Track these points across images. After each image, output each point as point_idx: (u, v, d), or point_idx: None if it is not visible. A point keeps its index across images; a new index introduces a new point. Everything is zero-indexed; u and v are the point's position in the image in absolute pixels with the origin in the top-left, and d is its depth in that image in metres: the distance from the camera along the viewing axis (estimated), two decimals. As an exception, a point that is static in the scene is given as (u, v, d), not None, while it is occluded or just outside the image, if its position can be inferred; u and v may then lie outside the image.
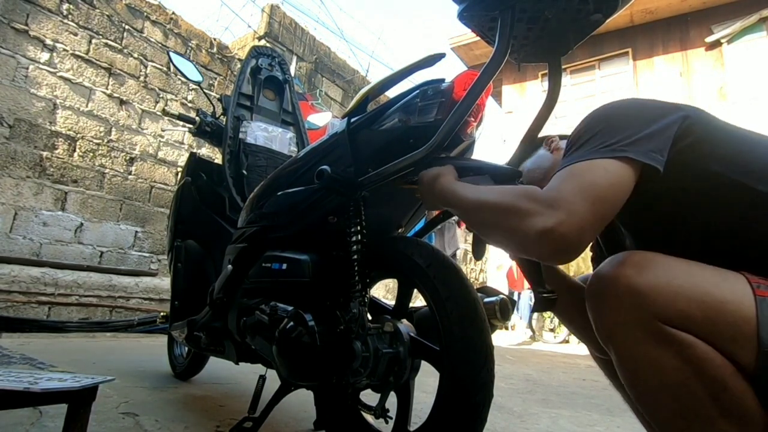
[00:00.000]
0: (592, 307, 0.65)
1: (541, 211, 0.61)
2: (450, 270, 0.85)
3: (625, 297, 0.60)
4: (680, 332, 0.57)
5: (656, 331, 0.57)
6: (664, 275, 0.60)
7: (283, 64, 1.95)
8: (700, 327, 0.57)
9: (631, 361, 0.61)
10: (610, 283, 0.62)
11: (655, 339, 0.58)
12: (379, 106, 0.97)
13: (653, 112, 0.69)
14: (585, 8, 0.73)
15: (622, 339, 0.61)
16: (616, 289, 0.61)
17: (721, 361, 0.56)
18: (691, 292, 0.58)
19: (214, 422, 1.28)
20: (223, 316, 1.21)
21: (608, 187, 0.62)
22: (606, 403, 2.04)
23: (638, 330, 0.59)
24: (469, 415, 0.77)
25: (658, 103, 0.72)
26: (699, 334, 0.57)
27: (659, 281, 0.59)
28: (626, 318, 0.59)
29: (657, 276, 0.59)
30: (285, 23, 6.28)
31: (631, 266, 0.61)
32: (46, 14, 3.94)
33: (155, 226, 4.60)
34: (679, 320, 0.57)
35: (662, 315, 0.57)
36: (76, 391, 0.75)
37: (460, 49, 9.04)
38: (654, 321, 0.57)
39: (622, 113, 0.71)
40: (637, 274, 0.60)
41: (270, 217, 1.10)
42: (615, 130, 0.67)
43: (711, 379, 0.55)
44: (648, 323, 0.58)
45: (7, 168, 3.69)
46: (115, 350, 2.68)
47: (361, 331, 0.86)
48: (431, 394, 0.83)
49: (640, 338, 0.59)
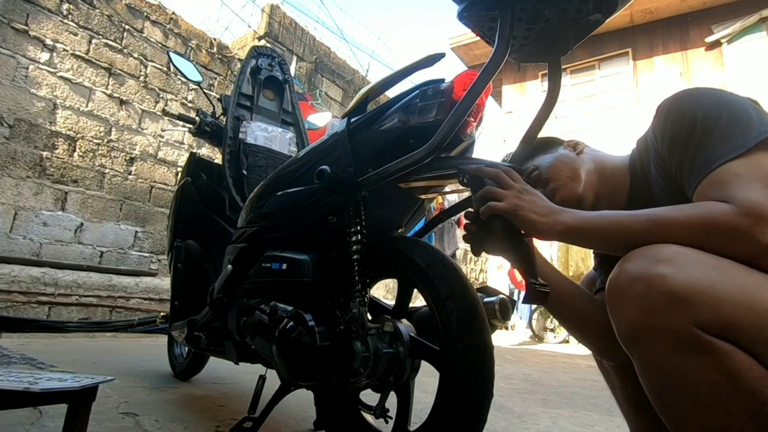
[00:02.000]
0: (615, 306, 0.59)
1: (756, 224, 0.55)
2: (450, 270, 0.85)
3: (659, 298, 0.53)
4: (719, 341, 0.51)
5: (692, 339, 0.52)
6: (707, 276, 0.53)
7: (283, 64, 1.95)
8: (743, 337, 0.51)
9: (660, 369, 0.55)
10: (640, 280, 0.55)
11: (690, 347, 0.52)
12: (379, 106, 0.97)
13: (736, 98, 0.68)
14: (585, 8, 0.73)
15: (651, 345, 0.55)
16: (648, 288, 0.54)
17: (762, 373, 0.51)
18: (735, 297, 0.52)
19: (214, 422, 1.28)
20: (223, 316, 1.21)
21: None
22: (606, 403, 2.04)
23: (671, 336, 0.53)
24: (469, 415, 0.77)
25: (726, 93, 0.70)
26: (739, 342, 0.51)
27: (701, 283, 0.53)
28: (659, 322, 0.53)
29: (698, 276, 0.53)
30: (285, 23, 6.29)
31: (666, 262, 0.55)
32: (46, 14, 3.94)
33: (155, 226, 4.60)
34: (719, 328, 0.51)
35: (701, 321, 0.52)
36: (76, 391, 0.75)
37: (460, 49, 9.04)
38: (691, 327, 0.52)
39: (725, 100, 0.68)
40: (675, 272, 0.54)
41: (270, 217, 1.10)
42: (737, 118, 0.64)
43: (750, 394, 0.50)
44: (683, 329, 0.52)
45: (7, 168, 3.69)
46: (115, 350, 2.68)
47: (361, 331, 0.86)
48: (431, 394, 0.83)
49: (673, 345, 0.53)
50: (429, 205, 1.19)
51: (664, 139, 0.74)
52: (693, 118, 0.68)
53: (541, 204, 0.70)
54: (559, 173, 0.90)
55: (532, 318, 6.97)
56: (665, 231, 0.60)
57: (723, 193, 0.59)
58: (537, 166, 0.94)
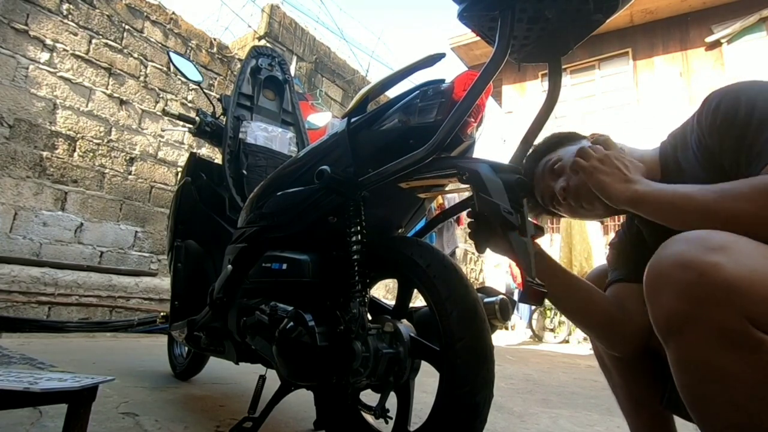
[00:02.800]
0: (657, 292, 0.55)
1: None
2: (450, 270, 0.85)
3: (711, 288, 0.50)
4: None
5: (742, 333, 0.49)
6: (762, 267, 0.50)
7: (283, 64, 1.95)
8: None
9: (699, 364, 0.52)
10: (690, 268, 0.52)
11: (739, 342, 0.49)
12: (379, 106, 0.97)
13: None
14: (585, 8, 0.73)
15: (694, 336, 0.52)
16: (700, 276, 0.51)
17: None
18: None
19: (214, 422, 1.28)
20: (223, 316, 1.21)
21: None
22: (606, 403, 2.04)
23: (718, 329, 0.50)
24: (470, 415, 0.77)
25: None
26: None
27: (757, 275, 0.50)
28: (708, 313, 0.50)
29: (753, 268, 0.50)
30: (285, 23, 6.28)
31: (719, 250, 0.52)
32: (46, 14, 3.94)
33: (155, 226, 4.60)
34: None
35: (753, 314, 0.49)
36: (76, 391, 0.75)
37: (460, 49, 9.04)
38: (742, 320, 0.49)
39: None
40: (729, 261, 0.50)
41: (270, 217, 1.10)
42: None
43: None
44: (733, 322, 0.49)
45: (7, 168, 3.69)
46: (115, 350, 2.68)
47: (361, 331, 0.86)
48: (431, 394, 0.83)
49: (717, 339, 0.50)
50: (429, 205, 1.19)
51: (713, 131, 0.70)
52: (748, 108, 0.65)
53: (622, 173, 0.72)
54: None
55: (532, 318, 6.97)
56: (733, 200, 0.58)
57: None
58: (561, 157, 0.91)
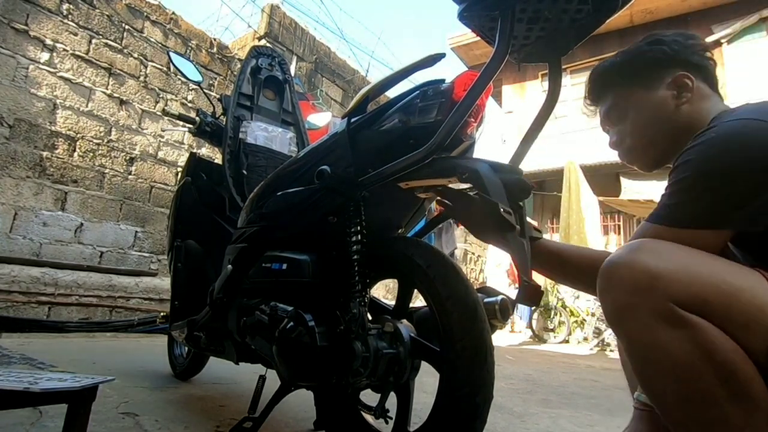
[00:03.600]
0: (604, 289, 0.65)
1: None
2: (450, 270, 0.85)
3: (639, 279, 0.59)
4: (693, 315, 0.57)
5: (669, 314, 0.58)
6: (681, 261, 0.60)
7: (283, 64, 1.95)
8: (714, 312, 0.57)
9: (641, 343, 0.61)
10: (624, 266, 0.62)
11: (667, 321, 0.58)
12: (379, 106, 0.97)
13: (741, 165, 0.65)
14: (585, 8, 0.73)
15: (633, 321, 0.61)
16: (631, 271, 0.61)
17: (731, 346, 0.56)
18: (707, 278, 0.59)
19: (214, 422, 1.28)
20: (223, 316, 1.21)
21: None
22: (606, 403, 2.04)
23: (651, 312, 0.59)
24: (470, 415, 0.77)
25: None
26: (711, 319, 0.57)
27: (676, 265, 0.60)
28: (639, 300, 0.59)
29: (673, 261, 0.60)
30: (285, 23, 6.28)
31: (647, 252, 0.62)
32: (46, 14, 3.94)
33: (155, 226, 4.60)
34: (693, 304, 0.57)
35: (676, 298, 0.58)
36: (76, 391, 0.75)
37: (460, 49, 9.03)
38: (667, 303, 0.58)
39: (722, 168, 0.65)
40: (653, 259, 0.60)
41: (270, 217, 1.10)
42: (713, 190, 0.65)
43: (721, 364, 0.56)
44: (661, 305, 0.58)
45: (7, 168, 3.69)
46: (115, 350, 2.68)
47: (361, 331, 0.86)
48: (431, 394, 0.83)
49: (652, 320, 0.59)
50: (429, 205, 1.19)
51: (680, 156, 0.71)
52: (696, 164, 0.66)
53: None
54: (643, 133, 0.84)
55: (532, 318, 6.97)
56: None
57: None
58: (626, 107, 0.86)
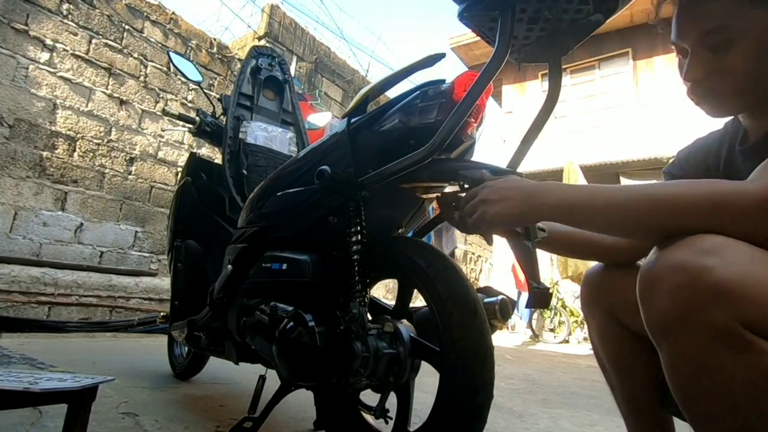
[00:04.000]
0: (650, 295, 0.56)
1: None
2: (450, 270, 0.85)
3: (704, 291, 0.50)
4: (762, 340, 0.49)
5: (735, 336, 0.50)
6: (756, 271, 0.51)
7: (283, 64, 1.95)
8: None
9: (692, 365, 0.53)
10: (683, 271, 0.52)
11: (731, 344, 0.50)
12: (379, 106, 0.97)
13: None
14: (585, 8, 0.73)
15: (686, 338, 0.52)
16: (693, 279, 0.51)
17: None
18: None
19: (214, 422, 1.28)
20: (223, 316, 1.21)
21: None
22: (606, 403, 2.04)
23: (710, 331, 0.50)
24: (470, 415, 0.77)
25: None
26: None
27: (749, 278, 0.50)
28: (700, 315, 0.51)
29: (746, 270, 0.51)
30: (285, 23, 6.28)
31: (712, 254, 0.52)
32: (46, 14, 3.94)
33: (155, 226, 4.60)
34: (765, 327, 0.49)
35: (746, 318, 0.49)
36: (76, 391, 0.75)
37: (460, 49, 9.03)
38: (736, 324, 0.49)
39: None
40: (722, 264, 0.51)
41: (270, 218, 1.10)
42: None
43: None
44: (726, 325, 0.50)
45: (7, 168, 3.69)
46: (115, 350, 2.68)
47: (361, 331, 0.86)
48: (431, 394, 0.83)
49: (710, 340, 0.51)
50: (429, 205, 1.19)
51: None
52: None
53: (512, 197, 0.65)
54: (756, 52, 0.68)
55: (532, 318, 6.97)
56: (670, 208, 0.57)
57: (752, 177, 0.57)
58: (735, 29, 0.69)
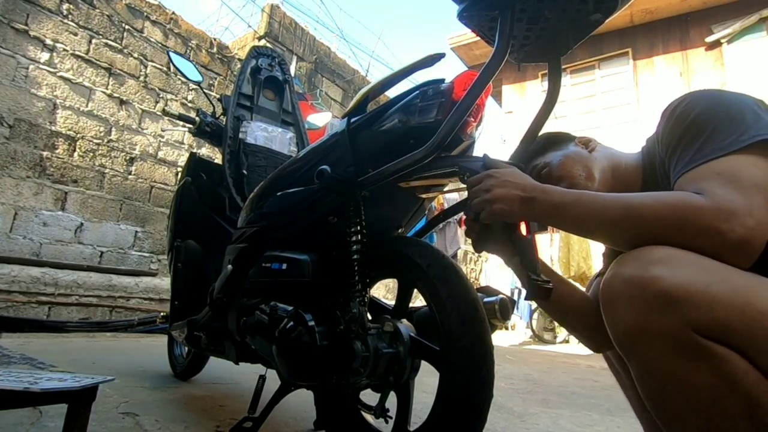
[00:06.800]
0: (610, 311, 0.58)
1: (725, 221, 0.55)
2: (450, 270, 0.85)
3: (654, 301, 0.53)
4: (715, 344, 0.51)
5: (689, 342, 0.51)
6: (700, 277, 0.53)
7: (283, 64, 1.95)
8: (737, 339, 0.51)
9: (657, 375, 0.55)
10: (634, 284, 0.55)
11: (687, 351, 0.52)
12: (379, 106, 0.97)
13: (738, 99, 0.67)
14: (585, 8, 0.73)
15: (647, 349, 0.54)
16: (643, 291, 0.54)
17: (756, 376, 0.51)
18: (729, 300, 0.52)
19: (214, 422, 1.28)
20: (223, 316, 1.21)
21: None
22: (606, 403, 2.04)
23: (667, 340, 0.52)
24: (469, 415, 0.77)
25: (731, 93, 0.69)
26: (733, 345, 0.51)
27: (695, 285, 0.52)
28: (654, 325, 0.53)
29: (692, 278, 0.53)
30: (285, 23, 6.28)
31: (660, 264, 0.54)
32: (46, 14, 3.94)
33: (155, 226, 4.60)
34: (715, 331, 0.51)
35: (697, 324, 0.51)
36: (76, 391, 0.75)
37: (460, 49, 9.03)
38: (687, 330, 0.51)
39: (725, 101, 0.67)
40: (669, 274, 0.53)
41: (270, 217, 1.10)
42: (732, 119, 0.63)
43: (746, 397, 0.51)
44: (680, 333, 0.51)
45: (7, 168, 3.69)
46: (115, 350, 2.68)
47: (361, 331, 0.86)
48: (431, 394, 0.83)
49: (670, 349, 0.52)
50: (429, 205, 1.19)
51: (663, 142, 0.73)
52: (689, 119, 0.68)
53: (513, 192, 0.67)
54: (572, 171, 0.88)
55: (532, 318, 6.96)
56: (640, 219, 0.59)
57: (700, 188, 0.59)
58: (548, 163, 0.91)
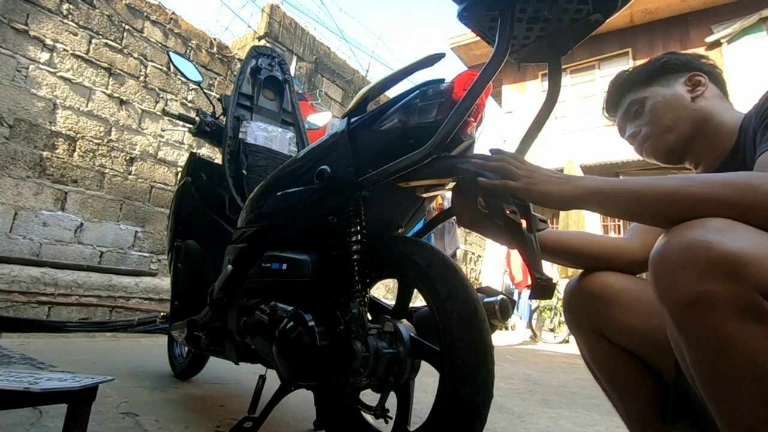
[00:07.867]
0: (665, 277, 0.55)
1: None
2: (450, 270, 0.85)
3: (719, 263, 0.50)
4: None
5: (755, 305, 0.49)
6: (760, 242, 0.51)
7: (283, 64, 1.95)
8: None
9: (715, 340, 0.52)
10: (696, 247, 0.52)
11: (753, 315, 0.49)
12: (379, 106, 0.97)
13: None
14: (585, 8, 0.73)
15: (709, 313, 0.51)
16: (708, 253, 0.51)
17: None
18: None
19: (214, 422, 1.28)
20: (223, 316, 1.21)
21: None
22: (606, 403, 2.03)
23: (731, 303, 0.50)
24: (469, 415, 0.77)
25: None
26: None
27: (760, 250, 0.50)
28: (719, 287, 0.50)
29: (755, 243, 0.51)
30: (285, 23, 6.28)
31: (719, 231, 0.52)
32: (46, 14, 3.94)
33: (155, 226, 4.60)
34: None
35: (764, 287, 0.49)
36: (76, 391, 0.75)
37: (460, 49, 9.04)
38: (754, 293, 0.49)
39: None
40: (731, 239, 0.51)
41: (270, 217, 1.10)
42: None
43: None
44: (746, 295, 0.49)
45: (7, 168, 3.69)
46: (115, 350, 2.68)
47: (361, 331, 0.86)
48: (431, 394, 0.83)
49: (733, 313, 0.50)
50: (429, 205, 1.19)
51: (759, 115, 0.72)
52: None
53: (555, 177, 0.68)
54: (660, 120, 0.86)
55: (532, 318, 6.97)
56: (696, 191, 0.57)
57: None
58: (643, 101, 0.88)
